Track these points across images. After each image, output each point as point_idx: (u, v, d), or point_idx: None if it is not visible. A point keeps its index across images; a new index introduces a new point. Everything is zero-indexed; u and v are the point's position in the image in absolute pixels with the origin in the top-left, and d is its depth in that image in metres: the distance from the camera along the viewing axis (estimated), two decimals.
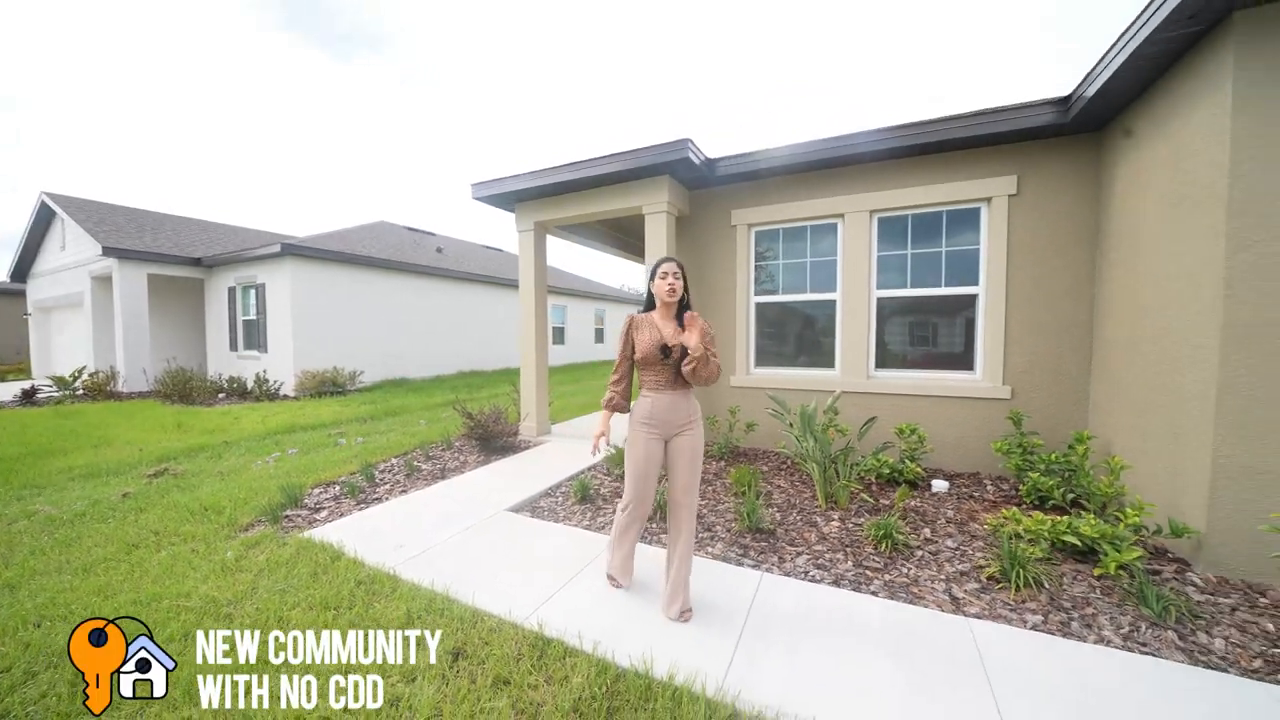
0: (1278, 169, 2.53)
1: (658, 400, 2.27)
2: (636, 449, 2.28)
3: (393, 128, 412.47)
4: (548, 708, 1.76)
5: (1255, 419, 2.57)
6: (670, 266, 2.32)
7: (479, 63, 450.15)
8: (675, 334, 2.28)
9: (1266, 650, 2.08)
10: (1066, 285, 4.11)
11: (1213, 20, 2.67)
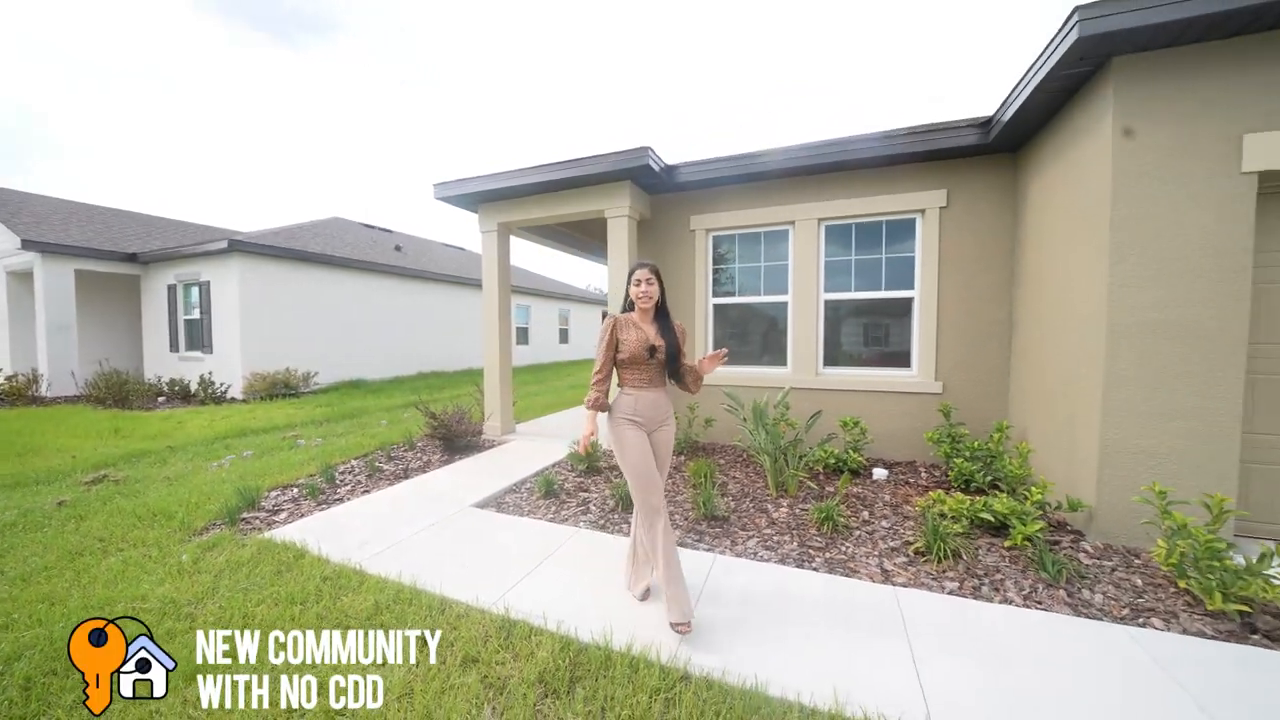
0: (1148, 191, 2.94)
1: (641, 397, 2.35)
2: (630, 443, 2.28)
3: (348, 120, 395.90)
4: (514, 680, 1.89)
5: (1134, 407, 2.98)
6: (645, 273, 2.40)
7: (451, 52, 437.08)
8: (657, 335, 2.39)
9: (1133, 601, 2.45)
10: (989, 290, 4.54)
11: (1097, 63, 3.07)
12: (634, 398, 2.36)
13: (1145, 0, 2.70)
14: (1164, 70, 2.94)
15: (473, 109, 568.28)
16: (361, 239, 14.66)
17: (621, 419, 2.35)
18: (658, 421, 2.39)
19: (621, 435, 2.32)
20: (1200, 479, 2.85)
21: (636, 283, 2.41)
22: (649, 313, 2.45)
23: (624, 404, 2.37)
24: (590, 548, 3.07)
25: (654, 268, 2.43)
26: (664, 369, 2.40)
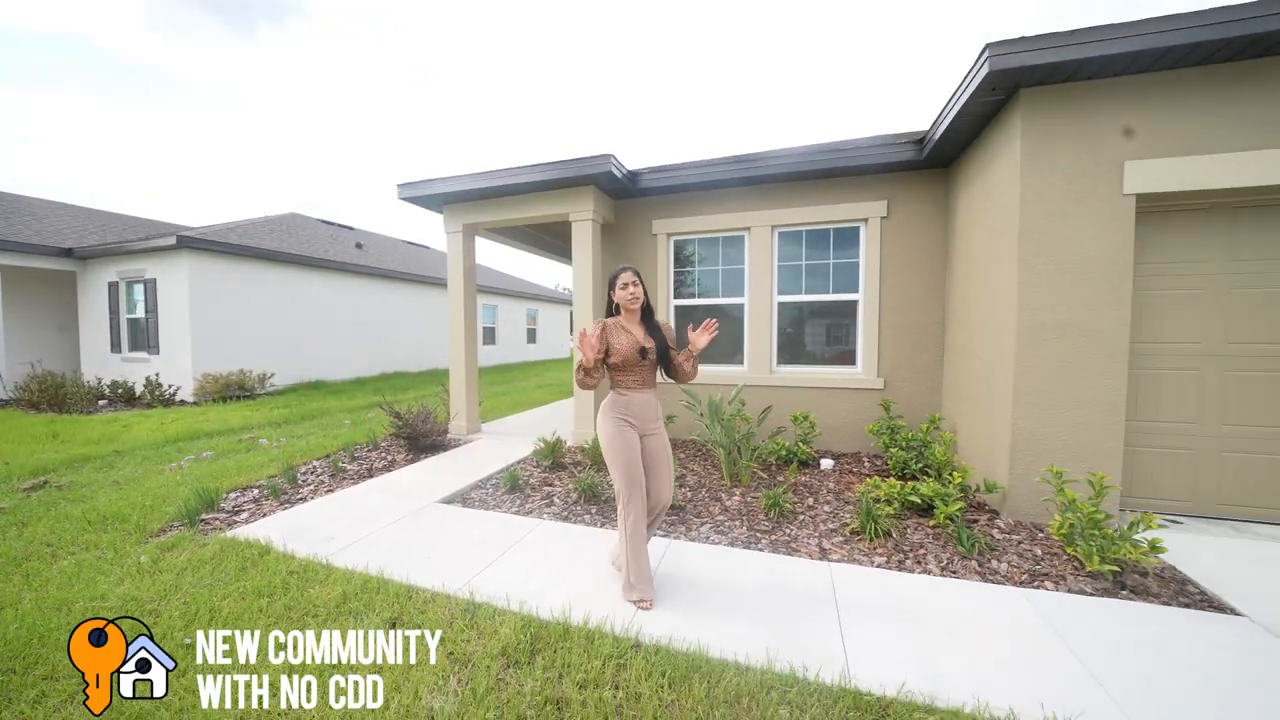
0: (1050, 208, 3.33)
1: (633, 399, 2.41)
2: (618, 441, 2.35)
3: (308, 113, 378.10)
4: (479, 654, 2.04)
5: (1038, 399, 3.37)
6: (630, 276, 2.44)
7: (420, 45, 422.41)
8: (646, 336, 2.45)
9: (1032, 568, 2.80)
10: (924, 294, 4.95)
11: (1008, 93, 3.45)
12: (626, 399, 2.42)
13: (1044, 42, 3.07)
14: (1063, 102, 3.33)
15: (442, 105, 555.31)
16: (320, 236, 14.26)
17: (613, 419, 2.41)
18: (649, 422, 2.44)
19: (609, 436, 2.38)
20: (1092, 461, 3.25)
21: (623, 286, 2.43)
22: (635, 314, 2.48)
23: (616, 405, 2.42)
24: (553, 537, 3.24)
25: (636, 271, 2.48)
26: (655, 369, 2.47)
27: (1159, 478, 3.48)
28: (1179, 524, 3.34)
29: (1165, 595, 2.53)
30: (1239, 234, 3.31)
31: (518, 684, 1.89)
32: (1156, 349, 3.43)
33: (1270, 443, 3.31)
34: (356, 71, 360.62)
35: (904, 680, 1.89)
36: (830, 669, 1.95)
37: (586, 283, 5.50)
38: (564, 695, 1.84)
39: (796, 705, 1.78)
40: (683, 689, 1.85)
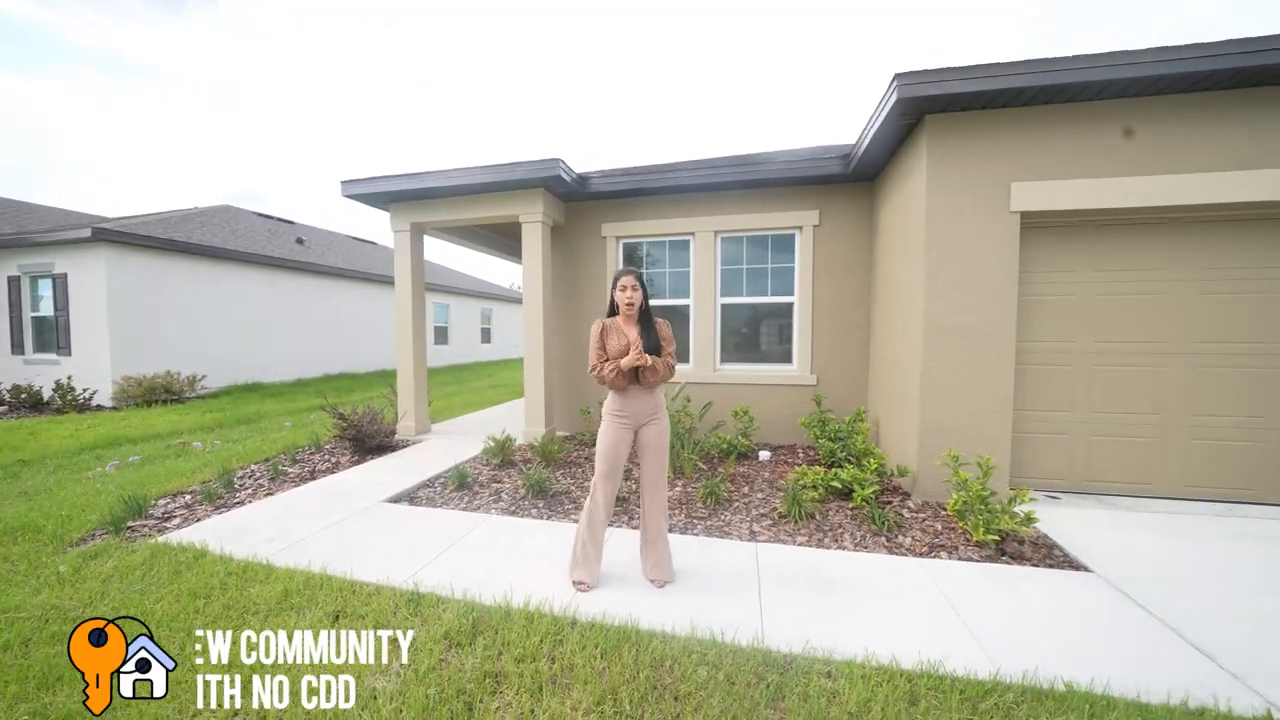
0: (951, 222, 3.74)
1: (628, 395, 2.54)
2: (608, 437, 2.54)
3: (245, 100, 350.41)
4: (422, 638, 2.15)
5: (941, 392, 3.78)
6: (630, 279, 2.54)
7: (368, 28, 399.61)
8: (637, 339, 2.53)
9: (931, 541, 3.17)
10: (852, 297, 5.36)
11: (917, 118, 3.85)
12: (621, 396, 2.55)
13: (944, 75, 3.46)
14: (962, 128, 3.75)
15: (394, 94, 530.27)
16: (257, 230, 13.52)
17: (609, 414, 2.58)
18: (645, 416, 2.57)
19: (603, 429, 2.58)
20: (986, 446, 3.68)
21: (622, 289, 2.55)
22: (633, 317, 2.59)
23: (612, 402, 2.58)
24: (500, 530, 3.35)
25: (638, 274, 2.59)
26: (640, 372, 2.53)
27: (1041, 459, 3.98)
28: (1056, 499, 3.83)
29: (1036, 558, 2.95)
30: (1101, 248, 3.84)
31: (459, 663, 2.02)
32: (1038, 347, 3.92)
33: (1127, 427, 3.86)
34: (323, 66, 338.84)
35: (808, 639, 2.15)
36: (746, 633, 2.19)
37: (537, 284, 5.60)
38: (502, 669, 1.98)
39: (713, 664, 2.00)
40: (613, 657, 2.03)
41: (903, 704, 1.80)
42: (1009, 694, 1.85)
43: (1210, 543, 3.11)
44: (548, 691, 1.87)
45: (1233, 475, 3.73)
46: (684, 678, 1.93)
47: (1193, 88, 3.40)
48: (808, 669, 1.98)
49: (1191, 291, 3.74)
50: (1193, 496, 3.78)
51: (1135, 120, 3.53)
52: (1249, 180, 3.41)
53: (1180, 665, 2.04)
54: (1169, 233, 3.74)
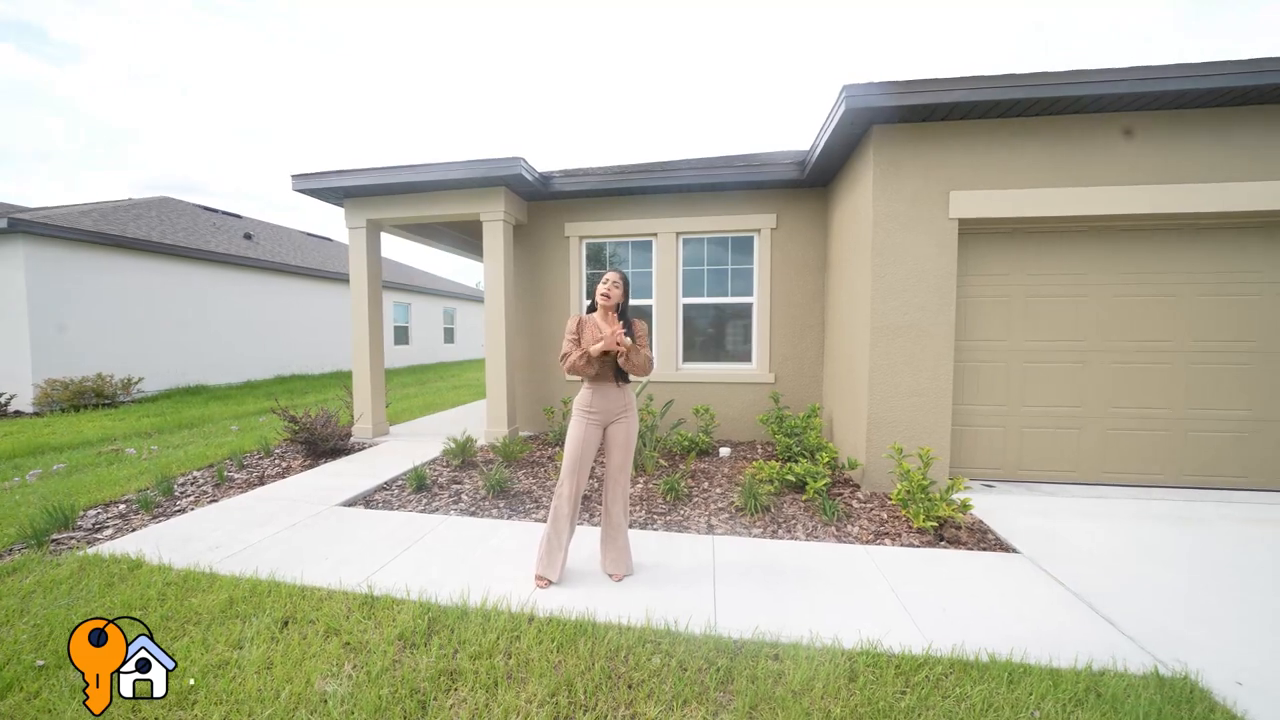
0: (895, 228, 3.95)
1: (598, 391, 2.59)
2: (576, 433, 2.57)
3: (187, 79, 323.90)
4: (375, 640, 2.13)
5: (886, 388, 3.98)
6: (614, 276, 2.65)
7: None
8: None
9: (877, 529, 3.35)
10: (808, 298, 5.57)
11: (864, 128, 4.04)
12: (592, 391, 2.60)
13: (887, 88, 3.65)
14: (906, 139, 3.96)
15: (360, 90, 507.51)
16: (200, 224, 12.80)
17: (579, 410, 2.61)
18: (615, 413, 2.62)
19: (572, 425, 2.62)
20: (927, 439, 3.91)
21: (604, 281, 2.65)
22: (610, 310, 2.66)
23: (583, 398, 2.62)
24: (458, 530, 3.33)
25: (624, 274, 2.69)
26: (618, 366, 2.61)
27: (978, 450, 4.25)
28: (991, 487, 4.11)
29: (971, 543, 3.16)
30: (1031, 253, 4.14)
31: (413, 663, 2.01)
32: (975, 345, 4.18)
33: (1053, 419, 4.17)
34: (240, 37, 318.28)
35: (758, 624, 2.25)
36: (699, 621, 2.27)
37: (499, 283, 5.55)
38: (458, 667, 1.98)
39: (667, 652, 2.06)
40: (569, 650, 2.07)
41: (843, 681, 1.91)
42: (939, 667, 1.99)
43: (1123, 522, 3.41)
44: (503, 686, 1.89)
45: (1143, 461, 4.10)
46: (638, 666, 1.98)
47: (1105, 108, 3.71)
48: (756, 652, 2.07)
49: (1108, 294, 4.08)
50: (1109, 482, 4.12)
51: (1060, 136, 3.83)
52: (1157, 194, 3.75)
53: (1088, 633, 2.24)
54: (1091, 240, 4.06)
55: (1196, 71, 3.40)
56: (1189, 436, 4.04)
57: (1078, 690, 1.87)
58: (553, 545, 2.62)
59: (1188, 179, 3.72)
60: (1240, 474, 4.00)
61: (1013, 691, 1.87)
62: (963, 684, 1.90)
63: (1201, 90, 3.47)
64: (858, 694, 1.85)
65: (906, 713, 1.77)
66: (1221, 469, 4.02)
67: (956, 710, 1.78)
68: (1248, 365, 3.97)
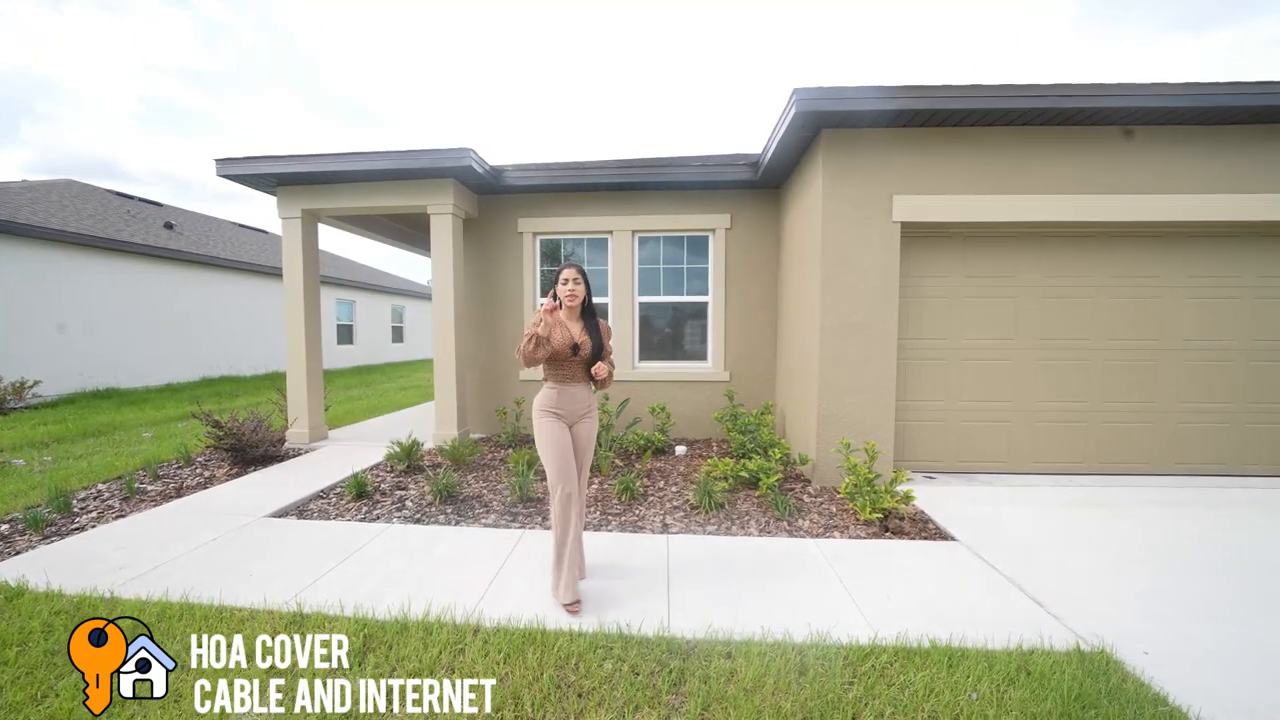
0: (843, 230, 4.07)
1: (563, 392, 2.47)
2: (549, 434, 2.41)
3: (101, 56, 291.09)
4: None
5: (835, 385, 4.10)
6: (571, 273, 2.47)
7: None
8: (581, 333, 2.47)
9: (826, 522, 3.43)
10: (762, 297, 5.66)
11: (814, 131, 4.14)
12: (556, 392, 2.47)
13: (834, 93, 3.74)
14: (853, 144, 4.08)
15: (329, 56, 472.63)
16: (111, 211, 11.63)
17: (544, 411, 2.46)
18: (578, 414, 2.51)
19: (540, 428, 2.44)
20: (873, 434, 4.05)
21: (563, 282, 2.47)
22: (575, 311, 2.52)
23: (547, 398, 2.47)
24: (401, 539, 3.15)
25: (580, 268, 2.52)
26: (586, 366, 2.50)
27: (920, 444, 4.45)
28: (933, 479, 4.30)
29: (914, 532, 3.29)
30: (969, 256, 4.36)
31: (346, 684, 1.86)
32: (917, 344, 4.37)
33: (988, 413, 4.42)
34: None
35: (711, 622, 2.23)
36: (652, 623, 2.23)
37: (447, 278, 5.33)
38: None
39: (619, 657, 2.01)
40: (516, 661, 1.98)
41: (793, 675, 1.92)
42: (884, 655, 2.04)
43: (1051, 508, 3.65)
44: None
45: (1068, 451, 4.41)
46: (588, 674, 1.92)
47: (1033, 121, 3.96)
48: (709, 652, 2.05)
49: (1036, 296, 4.36)
50: (1038, 470, 4.41)
51: (995, 146, 4.05)
52: (1079, 204, 4.04)
53: (1019, 614, 2.36)
54: (1022, 245, 4.33)
55: (1109, 91, 3.68)
56: (1104, 427, 4.39)
57: (1010, 670, 1.96)
58: (572, 563, 2.39)
59: (1103, 191, 4.03)
60: (1146, 461, 4.38)
61: (952, 675, 1.93)
62: (906, 671, 1.95)
63: (1113, 109, 3.76)
64: (808, 687, 1.86)
65: (854, 703, 1.80)
66: (1131, 456, 4.39)
67: (900, 698, 1.83)
68: (1152, 362, 4.34)
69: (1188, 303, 4.30)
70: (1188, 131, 4.00)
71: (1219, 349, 4.31)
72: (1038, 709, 1.77)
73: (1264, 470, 4.32)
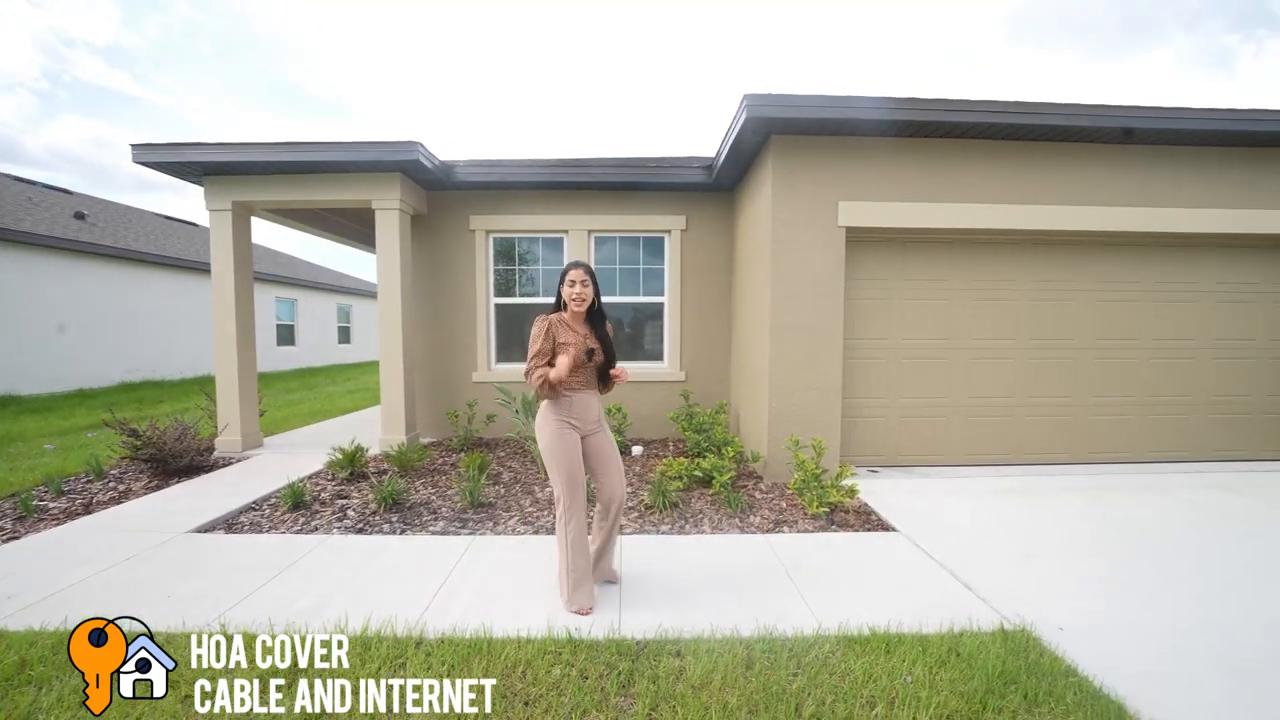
0: (793, 234, 4.19)
1: (576, 399, 2.34)
2: (563, 445, 2.29)
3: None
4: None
5: (785, 384, 4.22)
6: (580, 273, 2.32)
7: None
8: (592, 336, 2.38)
9: (777, 518, 3.52)
10: (717, 298, 5.76)
11: (765, 136, 4.24)
12: (569, 400, 2.33)
13: (783, 100, 3.85)
14: (802, 149, 4.21)
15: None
16: (7, 198, 10.48)
17: (557, 420, 2.32)
18: (591, 423, 2.39)
19: (553, 436, 2.31)
20: (821, 431, 4.18)
21: (570, 283, 2.33)
22: (581, 315, 2.40)
23: (558, 407, 2.33)
24: (341, 550, 2.99)
25: (588, 267, 2.38)
26: (597, 371, 2.40)
27: (865, 439, 4.65)
28: (876, 473, 4.50)
29: (858, 524, 3.42)
30: (908, 260, 4.59)
31: (270, 712, 1.74)
32: (861, 343, 4.56)
33: (926, 409, 4.67)
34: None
35: (661, 622, 2.24)
36: (602, 625, 2.22)
37: (394, 277, 5.12)
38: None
39: (567, 662, 1.98)
40: (460, 673, 1.92)
41: (740, 669, 1.95)
42: (827, 645, 2.11)
43: (980, 499, 3.89)
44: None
45: (998, 444, 4.72)
46: (535, 681, 1.88)
47: (966, 135, 4.21)
48: (659, 651, 2.06)
49: (968, 298, 4.64)
50: (971, 463, 4.70)
51: (933, 156, 4.27)
52: (1006, 212, 4.32)
53: (951, 598, 2.50)
54: (956, 250, 4.59)
55: (1033, 109, 3.96)
56: (1027, 421, 4.73)
57: (941, 652, 2.07)
58: (583, 574, 2.36)
59: (1026, 201, 4.34)
60: (1066, 451, 4.75)
61: (889, 660, 2.02)
62: (847, 659, 2.02)
63: (1035, 125, 4.05)
64: (754, 681, 1.90)
65: (798, 694, 1.85)
66: (1051, 448, 4.74)
67: (841, 685, 1.89)
68: (1071, 360, 4.72)
69: (1099, 305, 4.70)
70: (1094, 149, 4.36)
71: (1128, 347, 4.73)
72: (965, 687, 1.88)
73: (1165, 458, 4.78)
